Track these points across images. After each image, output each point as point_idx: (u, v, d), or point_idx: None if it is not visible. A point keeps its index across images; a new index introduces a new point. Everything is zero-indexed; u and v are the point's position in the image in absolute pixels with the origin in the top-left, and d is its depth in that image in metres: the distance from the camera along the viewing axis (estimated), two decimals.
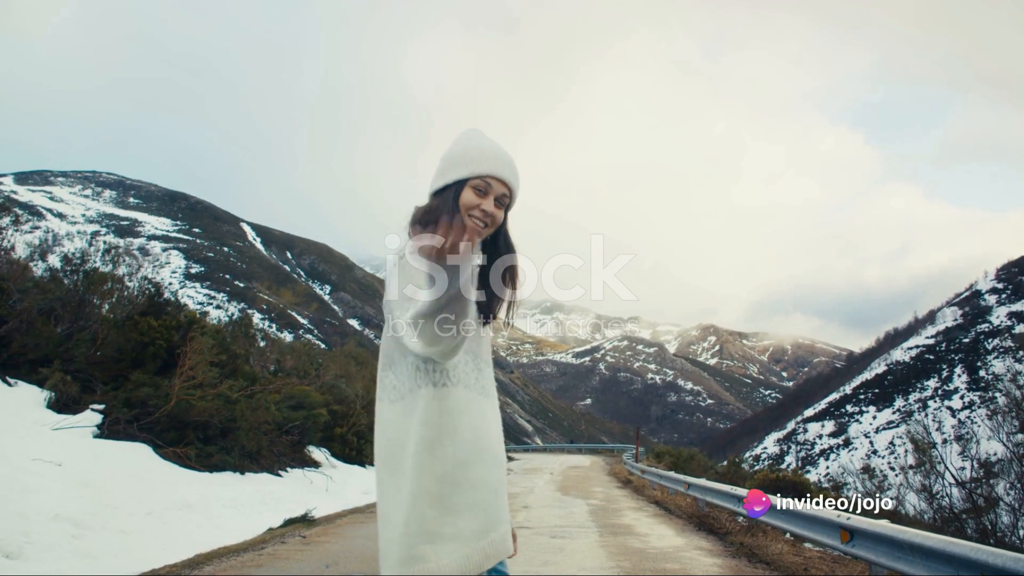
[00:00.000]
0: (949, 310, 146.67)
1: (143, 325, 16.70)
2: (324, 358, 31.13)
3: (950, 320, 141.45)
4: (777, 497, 8.69)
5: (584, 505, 15.22)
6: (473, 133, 2.39)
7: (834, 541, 6.78)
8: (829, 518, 6.87)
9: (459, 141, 2.35)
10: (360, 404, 24.03)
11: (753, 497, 7.26)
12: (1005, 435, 12.72)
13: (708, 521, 11.94)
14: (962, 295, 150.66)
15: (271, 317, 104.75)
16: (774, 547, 8.87)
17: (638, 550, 8.82)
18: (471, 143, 2.34)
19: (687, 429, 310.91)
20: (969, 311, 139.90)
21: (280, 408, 18.34)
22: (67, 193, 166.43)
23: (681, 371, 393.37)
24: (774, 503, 8.88)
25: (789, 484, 18.76)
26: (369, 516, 12.70)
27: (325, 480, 16.81)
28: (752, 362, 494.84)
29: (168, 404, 14.32)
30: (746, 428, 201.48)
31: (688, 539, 10.04)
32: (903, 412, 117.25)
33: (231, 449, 15.10)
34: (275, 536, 9.68)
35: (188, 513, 10.87)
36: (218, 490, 12.99)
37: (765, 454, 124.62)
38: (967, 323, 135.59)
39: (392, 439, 2.18)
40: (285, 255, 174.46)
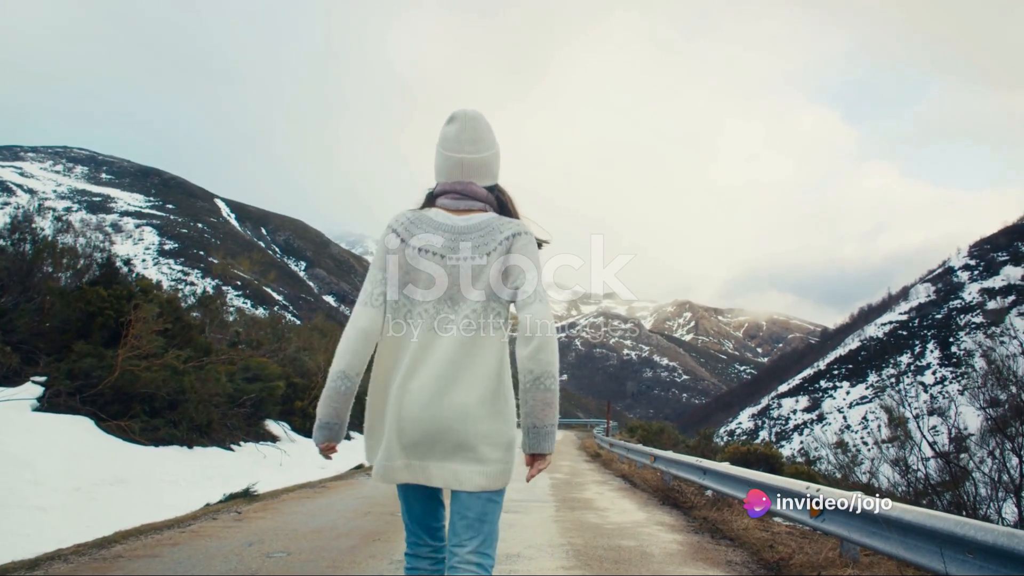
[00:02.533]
0: (922, 287, 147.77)
1: (91, 295, 15.92)
2: (288, 331, 30.42)
3: (923, 296, 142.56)
4: (745, 470, 8.16)
5: (547, 479, 14.66)
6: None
7: (803, 516, 6.20)
8: (797, 490, 6.29)
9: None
10: (322, 376, 23.34)
11: (753, 497, 6.65)
12: (982, 403, 12.28)
13: (673, 495, 11.41)
14: (935, 272, 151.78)
15: (246, 294, 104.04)
16: (739, 522, 8.32)
17: (594, 526, 8.24)
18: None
19: (663, 405, 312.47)
20: (942, 287, 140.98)
21: (234, 380, 17.65)
22: (38, 169, 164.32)
23: (657, 347, 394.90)
24: (737, 474, 8.32)
25: (760, 457, 18.33)
26: (318, 491, 12.09)
27: (279, 454, 16.17)
28: (727, 338, 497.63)
29: (112, 375, 13.62)
30: (721, 404, 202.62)
31: (650, 514, 9.47)
32: (876, 387, 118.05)
33: (179, 422, 14.41)
34: (209, 512, 9.03)
35: (121, 489, 10.22)
36: (160, 465, 12.34)
37: (740, 429, 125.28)
38: (940, 299, 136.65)
39: (457, 362, 2.72)
40: (260, 231, 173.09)
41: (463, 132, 2.89)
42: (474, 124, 2.92)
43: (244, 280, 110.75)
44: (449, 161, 2.90)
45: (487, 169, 2.95)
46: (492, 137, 2.96)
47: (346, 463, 17.80)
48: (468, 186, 2.88)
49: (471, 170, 2.90)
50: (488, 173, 2.96)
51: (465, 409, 2.68)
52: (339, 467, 17.05)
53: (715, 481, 9.42)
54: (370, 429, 2.98)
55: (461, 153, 2.88)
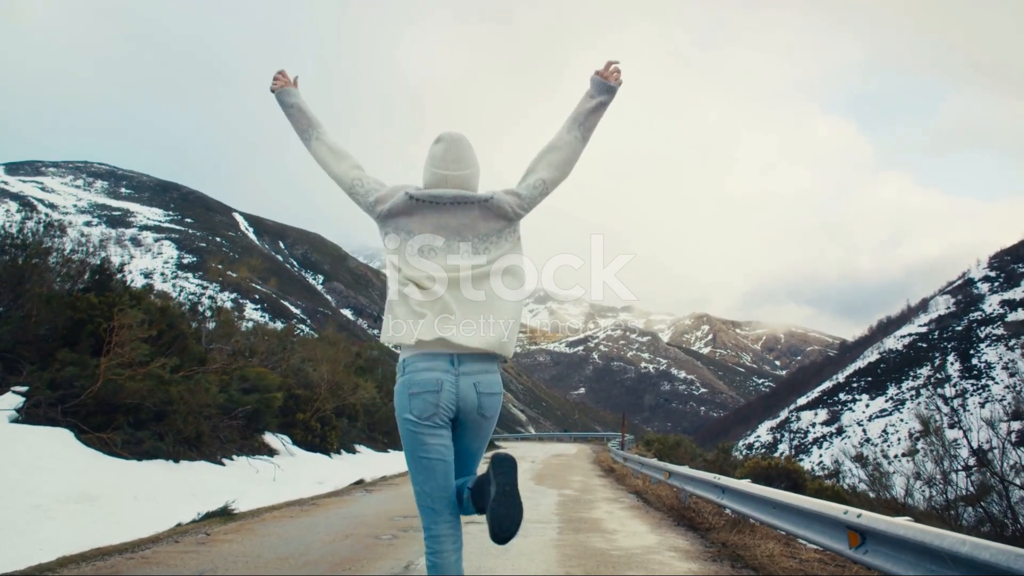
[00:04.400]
0: (942, 298, 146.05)
1: (82, 302, 15.16)
2: (294, 341, 29.63)
3: (943, 308, 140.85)
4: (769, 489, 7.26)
5: (555, 496, 13.74)
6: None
7: (840, 545, 5.24)
8: (834, 515, 5.32)
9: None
10: (326, 388, 22.54)
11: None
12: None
13: (689, 515, 10.47)
14: (955, 283, 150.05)
15: (264, 307, 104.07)
16: (763, 547, 7.40)
17: (599, 552, 7.32)
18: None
19: (680, 418, 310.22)
20: (962, 299, 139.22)
21: (229, 391, 16.84)
22: (58, 183, 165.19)
23: (674, 360, 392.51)
24: (761, 494, 7.39)
25: (783, 472, 17.36)
26: (305, 509, 11.21)
27: (273, 469, 15.30)
28: (745, 351, 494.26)
29: (95, 385, 12.84)
30: (739, 417, 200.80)
31: (663, 537, 8.53)
32: (896, 400, 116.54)
33: (165, 435, 13.60)
34: (175, 533, 8.20)
35: (86, 507, 9.38)
36: (138, 480, 11.51)
37: (758, 442, 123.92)
38: (960, 311, 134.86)
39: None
40: (278, 245, 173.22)
41: (448, 152, 3.37)
42: (458, 145, 3.39)
43: (262, 294, 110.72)
44: (436, 177, 3.37)
45: (469, 184, 3.38)
46: (473, 156, 3.41)
47: (345, 478, 16.96)
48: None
49: (455, 185, 3.35)
50: (470, 188, 3.39)
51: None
52: (338, 482, 16.21)
53: (735, 501, 8.47)
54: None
55: (447, 171, 3.35)
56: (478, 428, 3.36)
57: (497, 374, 3.39)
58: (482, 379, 3.30)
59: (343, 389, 23.95)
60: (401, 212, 3.35)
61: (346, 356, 27.99)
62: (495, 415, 3.39)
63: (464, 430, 3.36)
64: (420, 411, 3.20)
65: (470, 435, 3.38)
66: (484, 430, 3.39)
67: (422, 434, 3.22)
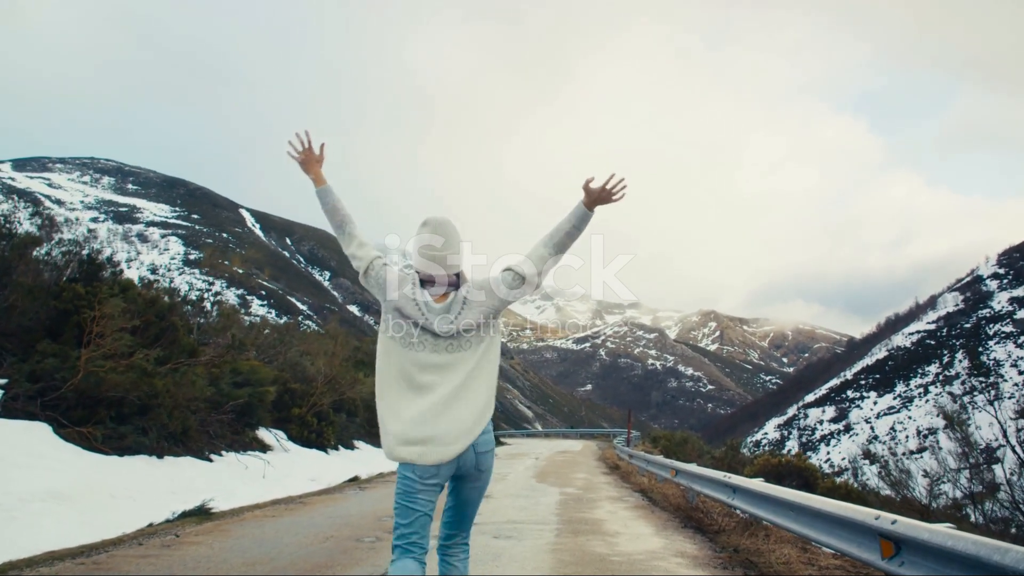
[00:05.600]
0: (950, 295, 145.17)
1: (67, 292, 14.58)
2: (292, 335, 29.03)
3: (951, 305, 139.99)
4: (785, 490, 6.64)
5: (557, 495, 13.12)
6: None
7: (870, 555, 4.59)
8: (863, 521, 4.64)
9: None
10: (323, 382, 21.93)
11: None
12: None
13: (696, 516, 9.82)
14: (963, 280, 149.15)
15: (270, 303, 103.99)
16: (777, 553, 6.78)
17: (598, 558, 6.69)
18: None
19: (687, 415, 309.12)
20: (970, 296, 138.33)
21: (219, 384, 16.24)
22: (65, 180, 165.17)
23: (681, 357, 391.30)
24: (777, 495, 6.73)
25: (793, 470, 16.70)
26: (290, 508, 10.61)
27: (263, 465, 14.70)
28: (753, 348, 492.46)
29: (75, 377, 12.25)
30: (746, 414, 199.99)
31: (668, 540, 7.88)
32: (904, 398, 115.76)
33: (149, 429, 13.00)
34: (142, 535, 7.61)
35: (55, 506, 8.77)
36: (117, 477, 10.91)
37: (766, 439, 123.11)
38: (968, 308, 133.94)
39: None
40: (284, 241, 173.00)
41: (435, 238, 3.71)
42: (444, 229, 3.75)
43: (269, 290, 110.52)
44: (425, 259, 3.70)
45: (453, 264, 3.74)
46: (457, 237, 3.77)
47: (341, 475, 16.38)
48: (434, 278, 3.70)
49: (442, 266, 3.71)
50: (453, 267, 3.74)
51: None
52: (332, 479, 15.62)
53: (747, 502, 7.82)
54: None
55: (433, 252, 3.70)
56: (476, 481, 3.69)
57: (491, 432, 3.74)
58: (480, 439, 3.62)
59: (341, 383, 23.32)
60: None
61: (345, 349, 27.33)
62: (491, 468, 3.75)
63: (463, 483, 3.69)
64: (422, 473, 3.49)
65: (468, 487, 3.71)
66: (482, 482, 3.72)
67: (416, 492, 3.48)
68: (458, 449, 3.49)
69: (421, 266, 3.72)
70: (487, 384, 3.68)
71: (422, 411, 3.50)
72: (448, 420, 3.50)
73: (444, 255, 3.71)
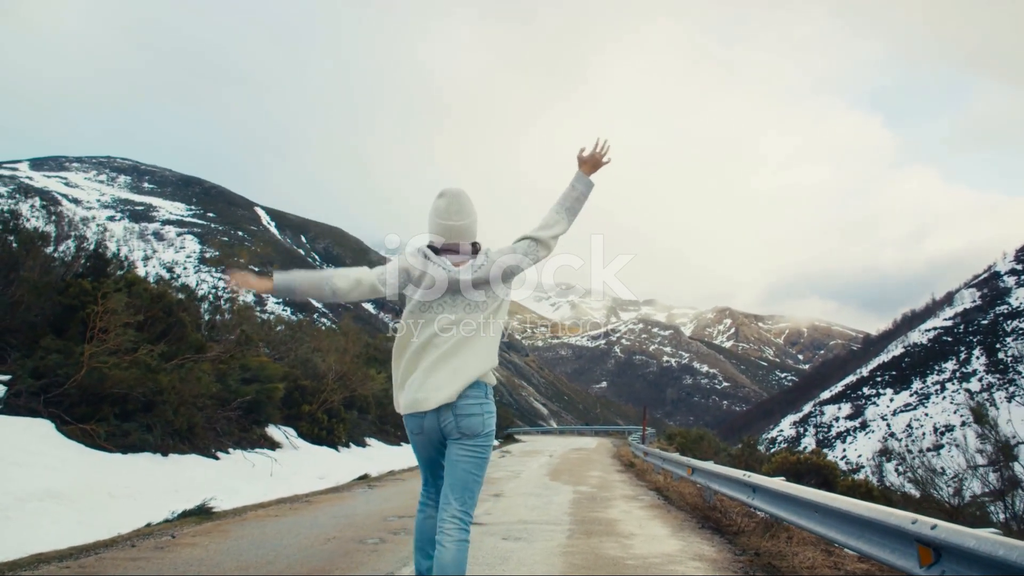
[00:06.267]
0: (967, 292, 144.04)
1: (73, 287, 14.35)
2: (304, 332, 28.76)
3: (968, 302, 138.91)
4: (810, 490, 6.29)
5: (570, 493, 12.77)
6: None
7: (905, 562, 4.22)
8: (899, 525, 4.25)
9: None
10: (333, 378, 21.66)
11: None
12: None
13: (714, 516, 9.45)
14: (981, 277, 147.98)
15: (286, 301, 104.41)
16: (801, 556, 6.43)
17: (612, 560, 6.36)
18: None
19: (703, 412, 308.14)
20: (988, 292, 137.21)
21: (226, 380, 15.98)
22: (82, 179, 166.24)
23: (696, 354, 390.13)
24: (802, 496, 6.38)
25: (812, 468, 16.32)
26: (295, 507, 10.30)
27: (270, 463, 14.42)
28: (768, 345, 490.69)
29: (79, 373, 12.01)
30: (762, 411, 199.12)
31: (686, 542, 7.53)
32: (921, 394, 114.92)
33: (154, 426, 12.74)
34: (137, 536, 7.32)
35: (51, 505, 8.51)
36: (118, 475, 10.65)
37: (781, 437, 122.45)
38: (986, 304, 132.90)
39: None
40: (299, 239, 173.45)
41: (451, 205, 3.93)
42: (458, 199, 3.96)
43: None
44: (441, 227, 3.93)
45: (469, 232, 3.97)
46: (472, 208, 3.99)
47: (350, 473, 16.11)
48: (456, 246, 3.93)
49: (457, 233, 3.94)
50: (469, 234, 3.98)
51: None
52: (341, 477, 15.35)
53: (769, 502, 7.45)
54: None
55: (449, 221, 3.92)
56: (460, 448, 3.81)
57: (482, 401, 3.85)
58: (460, 403, 3.80)
59: (352, 380, 23.05)
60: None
61: (356, 346, 27.00)
62: (481, 437, 3.83)
63: (450, 448, 3.86)
64: (409, 423, 3.93)
65: (454, 453, 3.82)
66: (468, 450, 3.81)
67: (413, 441, 4.00)
68: (433, 403, 3.74)
69: (438, 232, 3.94)
70: (486, 347, 3.85)
71: (424, 366, 3.79)
72: (439, 375, 3.76)
73: (460, 224, 3.92)
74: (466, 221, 3.94)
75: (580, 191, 4.11)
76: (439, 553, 3.62)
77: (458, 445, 3.79)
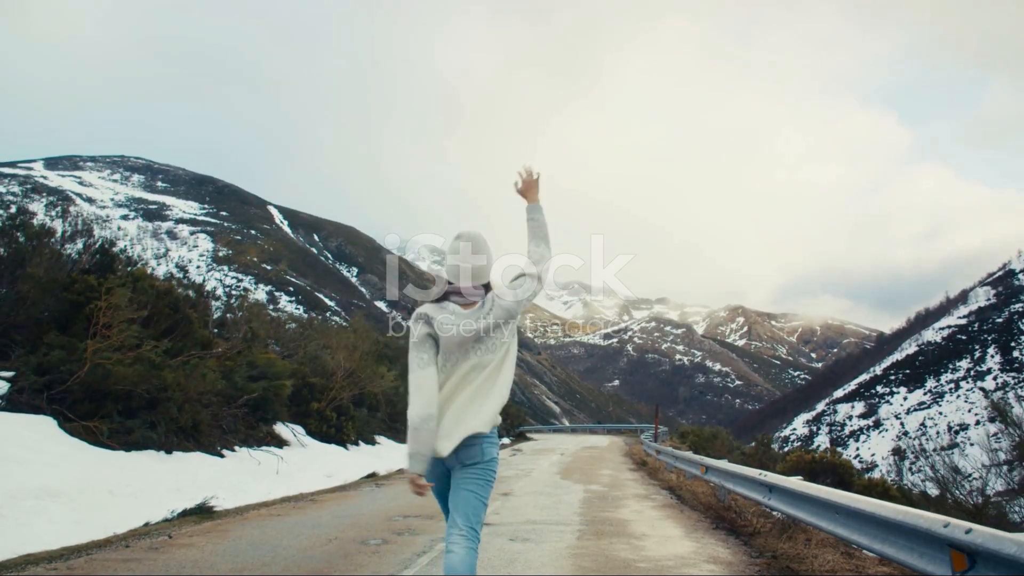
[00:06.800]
0: (982, 290, 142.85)
1: (80, 283, 14.15)
2: (313, 329, 28.57)
3: (983, 300, 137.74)
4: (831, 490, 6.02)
5: (581, 492, 12.51)
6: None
7: (937, 568, 3.95)
8: (929, 528, 3.97)
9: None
10: (342, 376, 21.45)
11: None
12: None
13: (729, 516, 9.17)
14: (995, 275, 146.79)
15: (298, 299, 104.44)
16: (820, 559, 6.16)
17: (623, 563, 6.10)
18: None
19: (715, 410, 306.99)
20: (1003, 291, 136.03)
21: (232, 377, 15.77)
22: (96, 178, 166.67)
23: (709, 352, 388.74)
24: (822, 496, 6.10)
25: (828, 467, 16.03)
26: (300, 506, 10.08)
27: (276, 461, 14.20)
28: (781, 343, 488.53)
29: (82, 370, 11.82)
30: (775, 409, 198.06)
31: (700, 544, 7.25)
32: (935, 393, 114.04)
33: (158, 423, 12.53)
34: (132, 536, 7.11)
35: (47, 504, 8.31)
36: (120, 472, 10.46)
37: (794, 435, 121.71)
38: (1000, 303, 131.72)
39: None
40: (312, 238, 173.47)
41: (467, 248, 4.00)
42: (475, 241, 4.03)
43: (297, 287, 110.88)
44: (457, 269, 4.00)
45: (483, 273, 4.03)
46: (487, 249, 4.08)
47: (358, 471, 15.90)
48: (469, 290, 3.97)
49: (472, 275, 4.00)
50: (484, 275, 4.04)
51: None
52: (349, 475, 15.15)
53: (785, 502, 7.17)
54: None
55: (466, 263, 3.99)
56: (463, 475, 3.87)
57: (486, 440, 3.92)
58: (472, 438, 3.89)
59: (362, 377, 22.83)
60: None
61: (366, 343, 26.75)
62: (482, 465, 3.88)
63: (453, 476, 3.93)
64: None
65: (457, 480, 3.89)
66: (470, 476, 3.86)
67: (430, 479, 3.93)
68: (443, 452, 3.80)
69: (452, 276, 4.03)
70: (499, 391, 3.94)
71: (445, 411, 3.87)
72: (448, 421, 3.84)
73: (474, 267, 4.00)
74: (480, 263, 4.03)
75: (539, 219, 4.30)
76: (448, 558, 3.71)
77: (462, 471, 3.87)
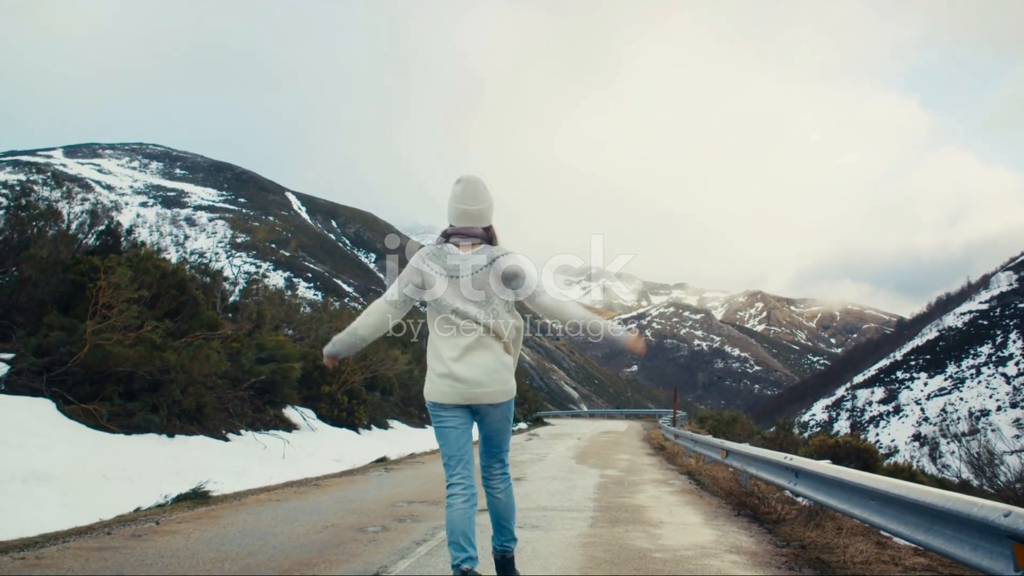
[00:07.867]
0: (1004, 275, 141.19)
1: (83, 264, 13.82)
2: (326, 312, 28.22)
3: (1005, 285, 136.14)
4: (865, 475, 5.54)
5: (597, 477, 12.05)
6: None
7: (994, 563, 3.43)
8: (985, 518, 3.45)
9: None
10: (354, 358, 21.05)
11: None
12: None
13: (751, 502, 8.67)
14: (1018, 259, 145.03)
15: (316, 285, 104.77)
16: (852, 549, 5.68)
17: (638, 554, 5.63)
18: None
19: (734, 396, 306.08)
20: None
21: (240, 359, 15.39)
22: (115, 165, 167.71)
23: (728, 338, 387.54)
24: (854, 481, 5.61)
25: (851, 451, 15.56)
26: (300, 491, 9.67)
27: (283, 445, 13.81)
28: (800, 328, 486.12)
29: (81, 351, 11.46)
30: (794, 395, 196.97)
31: (721, 532, 6.77)
32: (955, 379, 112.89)
33: (160, 406, 12.16)
34: (117, 522, 6.72)
35: (34, 487, 7.93)
36: (118, 456, 10.10)
37: (813, 421, 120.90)
38: (1023, 288, 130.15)
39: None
40: (330, 224, 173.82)
41: (466, 191, 4.18)
42: (474, 185, 4.20)
43: (315, 272, 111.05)
44: (457, 211, 4.18)
45: (482, 216, 4.20)
46: (487, 194, 4.24)
47: (368, 456, 15.52)
48: (469, 229, 4.16)
49: (472, 217, 4.17)
50: (483, 219, 4.21)
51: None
52: (358, 460, 14.76)
53: (813, 488, 6.68)
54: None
55: (465, 205, 4.17)
56: (491, 417, 4.14)
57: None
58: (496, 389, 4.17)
59: (374, 360, 22.45)
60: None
61: None
62: (503, 415, 4.19)
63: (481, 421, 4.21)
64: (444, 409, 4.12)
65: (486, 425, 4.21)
66: (498, 418, 4.17)
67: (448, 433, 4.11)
68: (479, 393, 3.99)
69: (453, 218, 4.21)
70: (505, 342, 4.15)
71: (455, 356, 3.99)
72: (474, 366, 3.98)
73: (474, 208, 4.17)
74: (480, 206, 4.19)
75: (609, 335, 4.47)
76: (493, 502, 4.25)
77: (489, 413, 4.10)
